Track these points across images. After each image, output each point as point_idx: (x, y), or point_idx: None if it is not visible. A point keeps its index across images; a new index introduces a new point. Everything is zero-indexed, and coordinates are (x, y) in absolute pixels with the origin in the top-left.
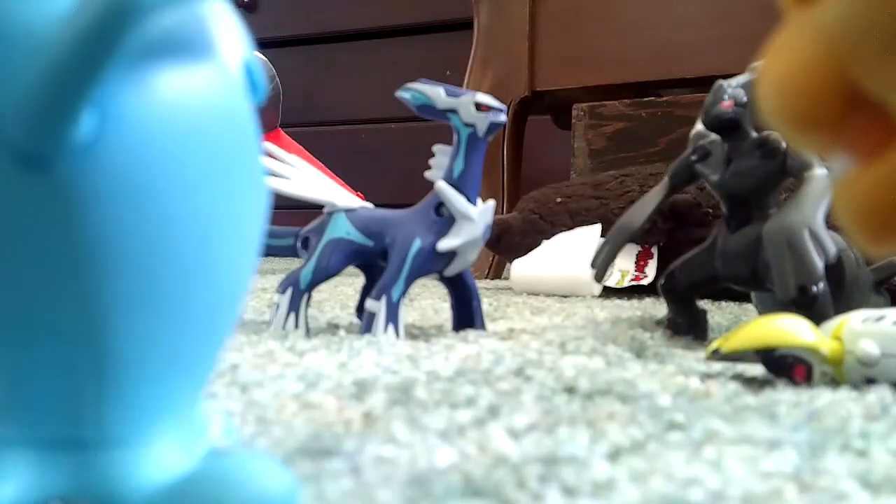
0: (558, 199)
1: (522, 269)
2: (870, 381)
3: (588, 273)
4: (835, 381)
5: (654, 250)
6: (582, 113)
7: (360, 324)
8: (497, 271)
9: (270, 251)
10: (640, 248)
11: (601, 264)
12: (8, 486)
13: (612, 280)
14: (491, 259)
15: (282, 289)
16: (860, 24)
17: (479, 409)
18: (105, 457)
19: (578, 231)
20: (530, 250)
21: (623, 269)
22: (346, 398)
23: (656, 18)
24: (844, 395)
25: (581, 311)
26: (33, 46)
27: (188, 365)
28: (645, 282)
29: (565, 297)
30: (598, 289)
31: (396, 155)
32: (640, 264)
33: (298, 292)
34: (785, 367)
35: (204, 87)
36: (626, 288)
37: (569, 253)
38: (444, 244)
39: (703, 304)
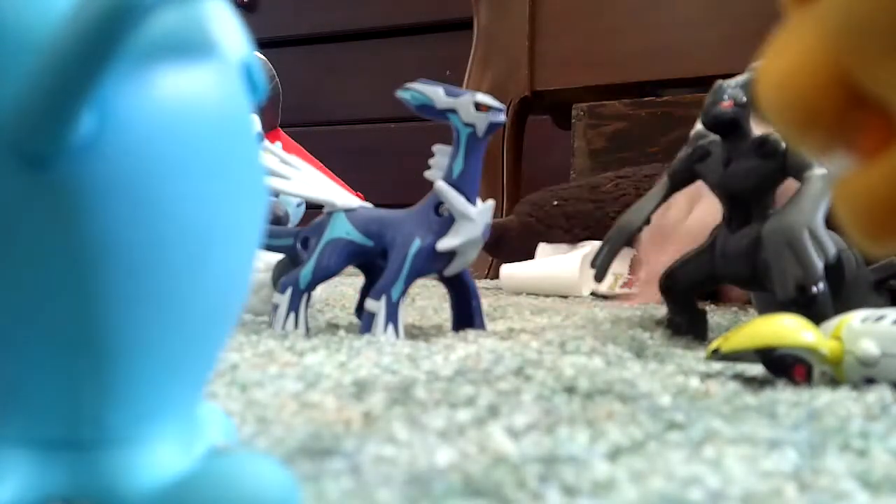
0: (555, 203)
1: (511, 269)
2: (869, 381)
3: (575, 274)
4: (834, 381)
5: None
6: (582, 113)
7: (360, 324)
8: (497, 271)
9: (270, 251)
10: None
11: (601, 264)
12: (8, 486)
13: (605, 284)
14: (491, 259)
15: (282, 289)
16: (861, 24)
17: (478, 408)
18: (105, 457)
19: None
20: (528, 253)
21: (616, 273)
22: (346, 398)
23: (656, 18)
24: (844, 394)
25: (581, 311)
26: (33, 46)
27: (188, 365)
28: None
29: (564, 297)
30: (586, 289)
31: (396, 155)
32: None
33: (298, 292)
34: (785, 366)
35: (204, 88)
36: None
37: (557, 255)
38: (444, 244)
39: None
